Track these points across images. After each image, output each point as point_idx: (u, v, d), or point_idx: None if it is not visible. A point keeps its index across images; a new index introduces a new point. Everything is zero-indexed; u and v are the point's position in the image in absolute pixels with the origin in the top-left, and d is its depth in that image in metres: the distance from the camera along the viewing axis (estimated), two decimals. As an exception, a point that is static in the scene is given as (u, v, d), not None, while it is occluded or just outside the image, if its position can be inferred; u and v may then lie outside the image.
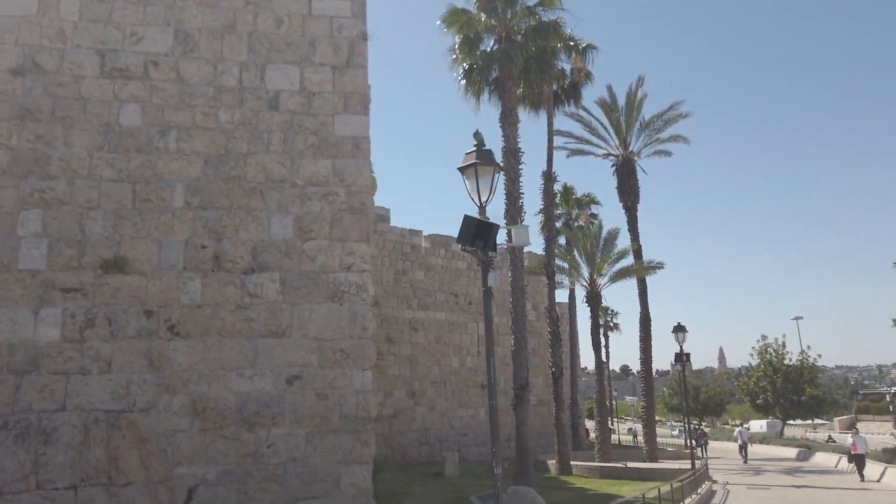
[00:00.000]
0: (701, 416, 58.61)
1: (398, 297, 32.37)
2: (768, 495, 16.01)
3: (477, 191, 6.96)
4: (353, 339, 12.72)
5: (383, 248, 32.33)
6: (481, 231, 6.61)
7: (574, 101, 26.12)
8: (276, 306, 12.65)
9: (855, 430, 21.14)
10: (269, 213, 13.00)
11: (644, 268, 27.84)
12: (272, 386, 12.34)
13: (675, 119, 31.69)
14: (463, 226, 6.51)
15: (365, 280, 13.03)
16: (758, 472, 23.04)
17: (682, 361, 22.78)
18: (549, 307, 24.14)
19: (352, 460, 12.29)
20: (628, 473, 20.70)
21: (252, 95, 13.39)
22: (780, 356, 38.47)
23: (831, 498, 15.13)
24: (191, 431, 11.96)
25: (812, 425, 71.11)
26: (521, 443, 17.38)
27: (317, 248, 12.99)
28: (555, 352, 23.56)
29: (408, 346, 32.16)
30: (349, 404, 12.49)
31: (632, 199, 31.13)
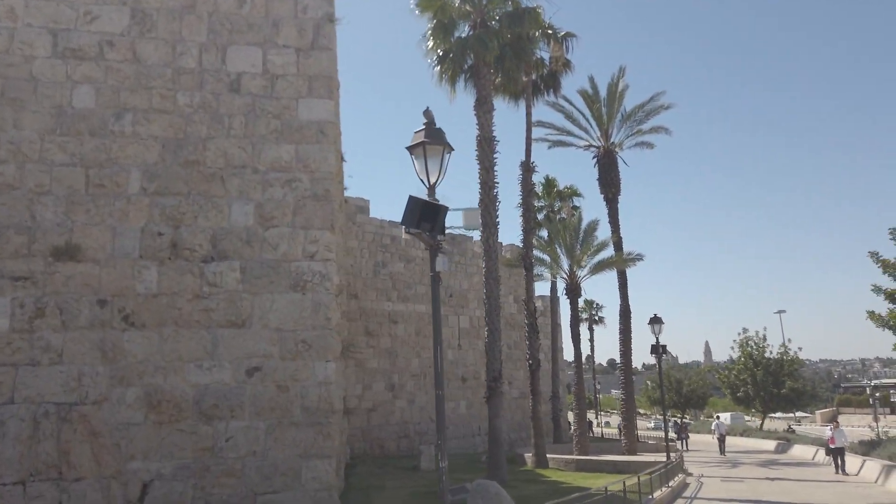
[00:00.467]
0: (683, 409, 58.85)
1: (377, 289, 31.98)
2: (740, 488, 15.86)
3: (426, 171, 6.62)
4: (315, 330, 12.36)
5: (362, 240, 31.92)
6: (428, 213, 6.28)
7: (553, 91, 25.81)
8: (236, 296, 12.26)
9: (834, 424, 20.56)
10: (229, 200, 12.59)
11: (623, 260, 27.65)
12: (231, 378, 11.96)
13: (657, 110, 31.49)
14: (407, 207, 6.17)
15: (329, 269, 12.67)
16: (734, 464, 22.96)
17: (659, 353, 22.64)
18: (526, 299, 23.86)
19: (314, 454, 11.96)
20: (604, 466, 20.53)
21: (212, 78, 12.95)
22: (760, 349, 38.54)
23: (803, 491, 15.00)
24: (145, 425, 11.57)
25: (794, 418, 71.68)
26: (494, 435, 17.12)
27: (279, 235, 12.61)
28: (532, 344, 23.31)
29: (387, 339, 31.81)
30: (311, 396, 12.14)
31: (613, 190, 30.91)
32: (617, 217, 30.68)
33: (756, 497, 14.07)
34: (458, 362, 35.60)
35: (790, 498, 13.93)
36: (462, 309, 36.58)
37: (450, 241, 36.64)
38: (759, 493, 14.62)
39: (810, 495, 14.21)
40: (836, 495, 14.16)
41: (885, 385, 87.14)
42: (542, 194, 39.41)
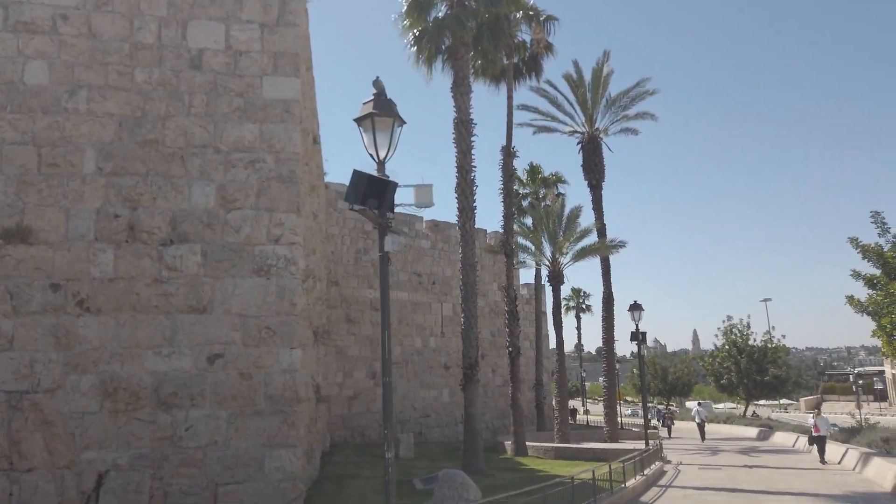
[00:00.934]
0: (669, 396, 59.03)
1: (359, 276, 31.56)
2: (717, 476, 15.68)
3: (374, 145, 6.21)
4: (280, 316, 11.96)
5: (343, 227, 31.45)
6: (374, 189, 5.88)
7: (535, 74, 25.36)
8: (197, 280, 11.83)
9: (817, 411, 20.06)
10: (189, 181, 12.13)
11: (607, 246, 27.37)
12: (192, 365, 11.56)
13: (642, 96, 31.12)
14: (351, 182, 5.77)
15: (294, 253, 12.25)
16: (714, 451, 22.85)
17: (639, 340, 22.42)
18: (507, 286, 23.53)
19: (277, 443, 11.60)
20: (583, 454, 20.35)
21: (172, 54, 12.43)
22: (744, 337, 38.50)
23: (780, 479, 14.82)
24: (101, 413, 11.15)
25: (779, 405, 72.17)
26: (470, 424, 16.81)
27: (242, 218, 12.16)
28: (512, 331, 23.01)
29: (368, 327, 31.42)
30: (275, 384, 11.76)
31: (597, 177, 30.59)
32: (601, 203, 30.39)
33: (732, 485, 13.87)
34: (441, 350, 35.31)
35: (766, 486, 13.73)
36: (445, 296, 36.23)
37: (432, 228, 36.25)
38: (736, 482, 14.42)
39: (787, 483, 14.02)
40: (813, 483, 13.98)
41: (868, 373, 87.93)
42: (526, 181, 39.05)
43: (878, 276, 14.86)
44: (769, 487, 13.36)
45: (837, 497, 11.81)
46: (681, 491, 13.11)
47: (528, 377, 41.05)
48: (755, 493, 12.47)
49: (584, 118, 31.33)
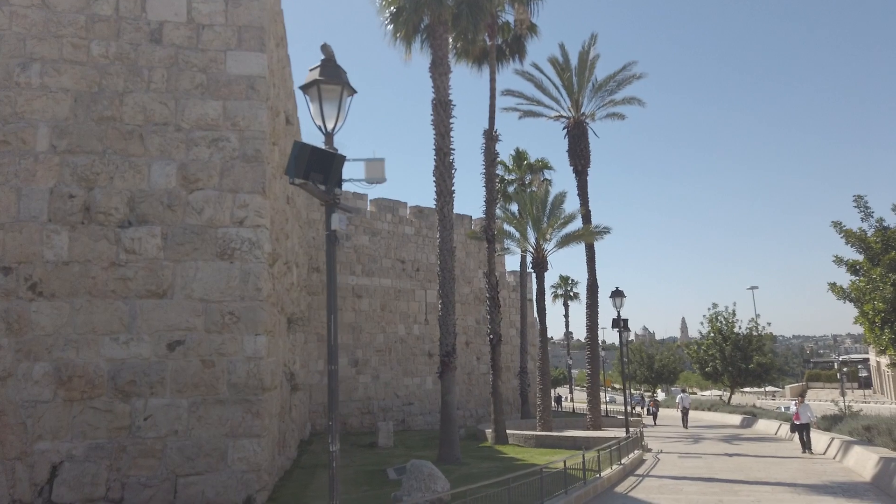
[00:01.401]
0: (655, 383, 59.10)
1: (340, 262, 31.07)
2: (696, 464, 15.42)
3: (321, 115, 5.75)
4: (244, 301, 11.51)
5: (325, 213, 30.91)
6: (319, 162, 5.43)
7: (519, 57, 24.81)
8: (157, 264, 11.35)
9: (800, 399, 19.99)
10: (149, 160, 11.61)
11: (591, 232, 27.00)
12: (151, 352, 11.11)
13: (629, 80, 30.64)
14: (293, 154, 5.31)
15: (260, 236, 11.78)
16: (696, 439, 22.67)
17: (620, 327, 22.15)
18: (488, 272, 23.13)
19: (241, 433, 11.19)
20: (564, 442, 20.08)
21: (131, 26, 11.86)
22: (729, 324, 38.35)
23: (758, 467, 14.57)
24: (55, 402, 10.70)
25: (764, 393, 72.56)
26: (447, 412, 16.47)
27: (204, 199, 11.67)
28: (493, 318, 22.64)
29: (350, 314, 31.03)
30: (239, 372, 11.33)
31: (582, 162, 30.19)
32: (586, 189, 30.01)
33: (709, 474, 13.61)
34: (425, 337, 34.98)
35: (743, 475, 13.48)
36: (430, 283, 35.82)
37: (417, 214, 35.79)
38: (714, 471, 14.16)
39: (765, 473, 13.77)
40: (791, 472, 13.74)
41: (853, 360, 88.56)
42: (512, 167, 38.57)
43: (861, 262, 14.55)
44: (746, 477, 13.11)
45: (815, 487, 11.56)
46: (657, 481, 12.82)
47: (514, 364, 40.89)
48: (731, 483, 12.20)
49: (570, 103, 30.86)
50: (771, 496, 10.81)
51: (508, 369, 40.81)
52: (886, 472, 11.31)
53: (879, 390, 68.87)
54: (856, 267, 14.67)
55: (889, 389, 63.73)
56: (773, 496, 10.81)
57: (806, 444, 18.07)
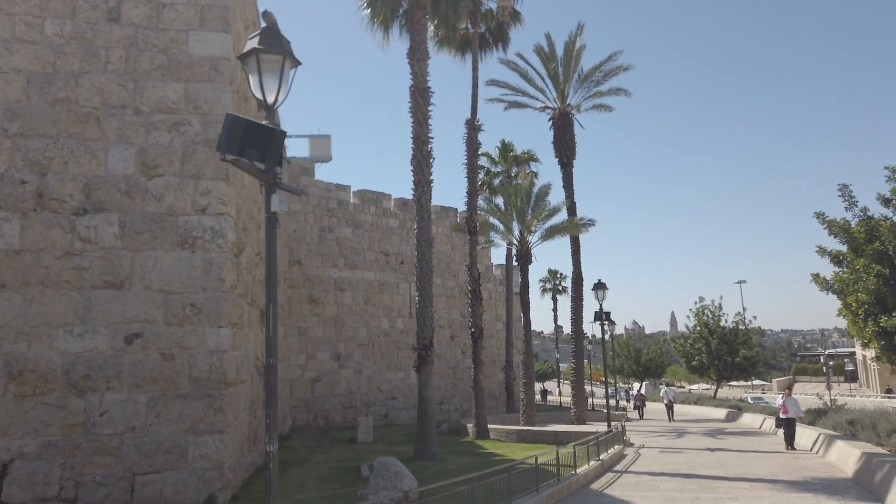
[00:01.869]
0: (643, 377, 59.06)
1: (323, 255, 30.59)
2: (677, 460, 15.10)
3: (260, 87, 5.31)
4: (206, 293, 11.05)
5: (307, 204, 30.37)
6: (256, 137, 4.99)
7: (502, 45, 24.37)
8: (114, 253, 10.87)
9: (786, 392, 18.26)
10: (106, 144, 11.11)
11: (576, 225, 26.64)
12: (108, 345, 10.64)
13: (615, 71, 30.24)
14: (225, 127, 4.87)
15: (223, 224, 11.31)
16: (680, 434, 22.41)
17: (602, 320, 21.81)
18: (470, 265, 22.73)
19: (203, 429, 10.74)
20: (545, 437, 19.77)
21: (87, 4, 11.33)
22: (716, 318, 38.25)
23: (740, 463, 14.28)
24: (5, 398, 10.21)
25: (751, 386, 72.69)
26: (423, 407, 16.06)
27: (164, 186, 11.19)
28: (475, 311, 22.27)
29: (333, 307, 30.54)
30: (201, 366, 10.88)
31: (568, 154, 29.79)
32: (571, 182, 29.63)
33: (689, 470, 13.29)
34: (409, 331, 34.52)
35: (724, 471, 13.17)
36: (414, 276, 35.17)
37: (401, 206, 35.31)
38: (694, 466, 13.85)
39: (745, 468, 13.47)
40: (772, 468, 13.45)
41: (839, 354, 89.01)
42: (498, 159, 38.16)
43: (845, 253, 14.24)
44: (727, 473, 12.80)
45: (795, 484, 11.26)
46: (635, 477, 12.49)
47: (501, 359, 40.55)
48: (710, 479, 11.88)
49: (556, 93, 30.44)
50: (749, 493, 10.50)
51: (494, 363, 40.50)
52: (868, 468, 11.03)
53: (865, 384, 69.23)
54: (839, 258, 14.35)
55: (874, 383, 64.02)
56: (751, 493, 10.50)
57: (790, 439, 17.13)
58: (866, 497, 9.87)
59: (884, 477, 9.83)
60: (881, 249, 12.94)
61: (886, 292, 12.95)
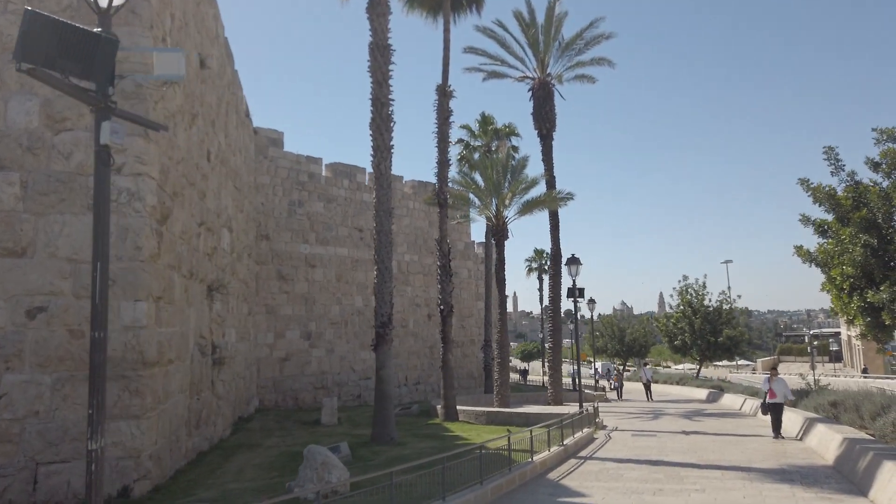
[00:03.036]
0: (626, 357, 58.50)
1: (293, 230, 29.38)
2: (648, 444, 14.17)
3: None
4: (122, 262, 9.89)
5: (275, 176, 29.10)
6: (75, 46, 3.85)
7: (476, 7, 23.07)
8: (15, 217, 9.69)
9: (773, 372, 15.78)
10: (6, 94, 9.88)
11: (554, 198, 25.53)
12: (7, 320, 9.50)
13: (598, 39, 28.97)
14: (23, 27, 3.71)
15: (141, 186, 10.12)
16: (656, 415, 21.57)
17: (575, 296, 20.84)
18: (439, 239, 21.63)
19: (116, 414, 9.66)
20: (515, 419, 18.86)
21: (-18, -65, 9.99)
22: (699, 297, 37.43)
23: (714, 447, 13.36)
24: None
25: (736, 367, 72.47)
26: (381, 388, 15.03)
27: (73, 141, 9.97)
28: (444, 288, 21.22)
29: (303, 284, 29.41)
30: (114, 344, 9.75)
31: (547, 126, 28.60)
32: (551, 154, 28.50)
33: (658, 456, 12.35)
34: (385, 309, 33.52)
35: (696, 457, 12.25)
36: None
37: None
38: (664, 452, 12.92)
39: (719, 454, 12.55)
40: (747, 454, 12.54)
41: (824, 334, 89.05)
42: (478, 132, 36.92)
43: (830, 222, 13.23)
44: (699, 459, 11.86)
45: (771, 472, 10.34)
46: (599, 464, 11.53)
47: (480, 338, 39.66)
48: (679, 467, 10.93)
49: (536, 63, 29.16)
50: (719, 483, 9.55)
51: (473, 342, 39.63)
52: (850, 455, 10.11)
53: (850, 364, 69.14)
54: (823, 227, 13.33)
55: (859, 363, 63.85)
56: (721, 483, 9.55)
57: (777, 427, 14.94)
58: (847, 488, 8.94)
59: (867, 466, 8.90)
60: (869, 217, 11.95)
61: (874, 264, 11.98)
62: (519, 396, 30.02)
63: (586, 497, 8.75)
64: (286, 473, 11.65)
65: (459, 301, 39.10)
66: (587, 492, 9.05)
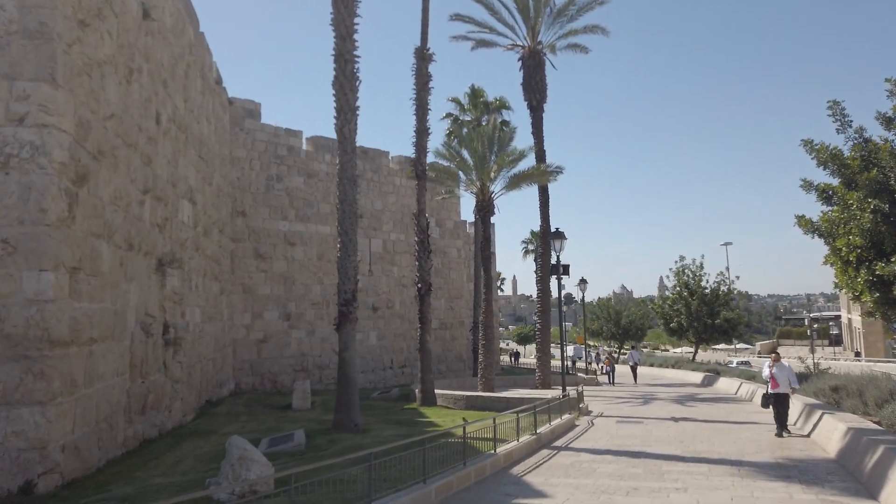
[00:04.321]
0: (622, 340, 57.43)
1: (271, 206, 28.09)
2: (632, 432, 12.98)
3: None
4: (24, 226, 8.64)
5: (252, 150, 27.75)
6: None
7: (459, -34, 21.52)
8: None
9: (774, 357, 13.20)
10: None
11: (543, 172, 24.20)
12: None
13: (591, 5, 27.44)
14: None
15: (47, 140, 8.83)
16: (647, 400, 20.40)
17: (559, 273, 19.56)
18: (417, 213, 20.33)
19: (17, 400, 8.47)
20: (496, 404, 17.69)
21: None
22: (697, 278, 36.18)
23: (704, 437, 12.18)
24: None
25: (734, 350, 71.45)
26: (344, 371, 13.81)
27: (-36, 87, 8.66)
28: (422, 265, 19.96)
29: (282, 263, 28.18)
30: (16, 319, 8.55)
31: (538, 97, 27.21)
32: (541, 126, 27.14)
33: (641, 447, 11.15)
34: (369, 289, 32.34)
35: (682, 447, 11.06)
36: (375, 231, 33.06)
37: (361, 155, 32.67)
38: (649, 442, 11.73)
39: (708, 444, 11.36)
40: (740, 444, 11.34)
41: (824, 317, 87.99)
42: (468, 106, 35.51)
43: (835, 187, 11.89)
44: (685, 450, 10.66)
45: (764, 467, 9.14)
46: (572, 456, 10.33)
47: (469, 320, 38.49)
48: (662, 460, 9.72)
49: (527, 30, 27.69)
50: (705, 481, 8.35)
51: (462, 324, 38.48)
52: (855, 447, 8.91)
53: (850, 347, 68.10)
54: (828, 193, 12.00)
55: (860, 346, 62.79)
56: (707, 481, 8.35)
57: (783, 421, 12.38)
58: (853, 488, 7.74)
59: (878, 463, 7.70)
60: (880, 179, 10.64)
61: (884, 232, 10.70)
62: (507, 380, 28.93)
63: (547, 498, 7.54)
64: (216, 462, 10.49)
65: (449, 281, 37.91)
66: (550, 491, 7.85)
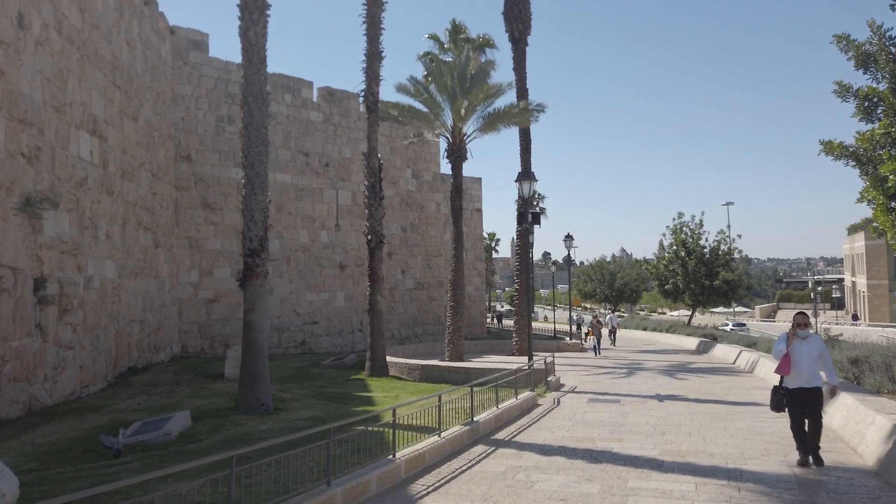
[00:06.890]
0: (616, 302, 54.99)
1: (221, 151, 25.14)
2: (602, 418, 10.25)
3: None
4: None
5: (199, 87, 24.66)
6: None
7: None
8: None
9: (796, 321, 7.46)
10: None
11: (523, 111, 21.21)
12: None
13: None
14: None
15: None
16: (632, 371, 17.79)
17: (528, 223, 16.67)
18: (367, 153, 17.41)
19: None
20: (454, 375, 15.15)
21: None
22: (695, 237, 33.39)
23: (693, 425, 9.51)
24: None
25: (733, 313, 69.13)
26: (249, 336, 11.03)
27: None
28: (372, 213, 17.14)
29: (235, 215, 25.34)
30: None
31: (520, 27, 24.06)
32: (523, 61, 24.06)
33: (607, 442, 8.38)
34: (336, 246, 29.64)
35: (663, 442, 8.32)
36: (342, 182, 30.13)
37: (326, 97, 29.59)
38: (621, 432, 9.07)
39: (698, 438, 8.68)
40: (739, 437, 8.65)
41: (827, 280, 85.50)
42: (448, 45, 32.19)
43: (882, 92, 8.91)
44: (665, 449, 7.90)
45: (776, 483, 6.31)
46: (511, 458, 7.63)
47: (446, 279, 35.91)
48: (632, 467, 6.90)
49: (509, -50, 24.26)
50: (687, 509, 5.69)
51: (441, 285, 35.89)
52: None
53: (853, 311, 65.73)
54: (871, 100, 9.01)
55: (864, 310, 60.37)
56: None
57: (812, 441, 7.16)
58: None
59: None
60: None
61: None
62: (483, 345, 26.43)
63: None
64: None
65: (426, 238, 35.20)
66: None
